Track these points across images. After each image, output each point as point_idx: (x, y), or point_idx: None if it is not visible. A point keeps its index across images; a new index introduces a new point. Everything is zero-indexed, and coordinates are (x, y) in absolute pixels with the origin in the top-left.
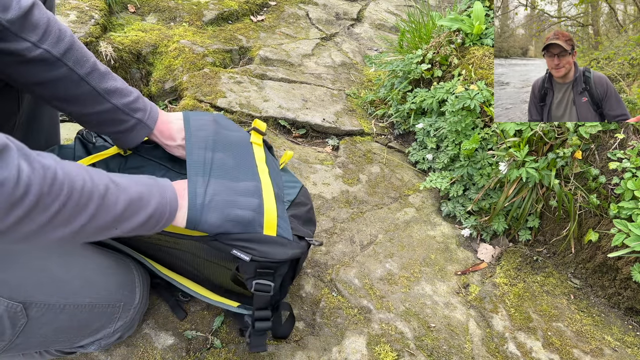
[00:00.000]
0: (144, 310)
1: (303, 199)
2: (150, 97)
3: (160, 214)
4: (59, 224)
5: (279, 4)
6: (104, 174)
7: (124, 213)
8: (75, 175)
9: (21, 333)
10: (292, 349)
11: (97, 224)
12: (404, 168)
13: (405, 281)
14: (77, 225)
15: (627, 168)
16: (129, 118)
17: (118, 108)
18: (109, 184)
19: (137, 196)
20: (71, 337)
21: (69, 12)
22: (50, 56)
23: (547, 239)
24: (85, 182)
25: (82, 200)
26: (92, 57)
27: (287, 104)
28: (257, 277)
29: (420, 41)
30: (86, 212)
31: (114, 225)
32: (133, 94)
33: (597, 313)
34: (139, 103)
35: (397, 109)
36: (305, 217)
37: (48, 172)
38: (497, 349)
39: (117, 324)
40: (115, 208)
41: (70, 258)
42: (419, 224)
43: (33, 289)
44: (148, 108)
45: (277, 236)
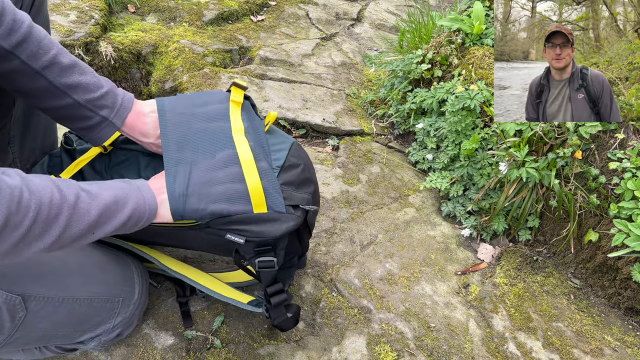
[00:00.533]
0: (143, 307)
1: (294, 159)
2: (151, 97)
3: (140, 215)
4: (31, 239)
5: (279, 4)
6: (74, 183)
7: (99, 219)
8: (42, 189)
9: (20, 326)
10: (292, 349)
11: (71, 234)
12: (404, 168)
13: (405, 281)
14: (51, 238)
15: (627, 168)
16: (93, 114)
17: (80, 104)
18: (80, 193)
19: (111, 201)
20: (71, 332)
21: (69, 12)
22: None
23: (547, 239)
24: (53, 195)
25: (52, 213)
26: (53, 49)
27: (287, 104)
28: (258, 255)
29: (420, 41)
30: (57, 224)
31: (90, 231)
32: (101, 90)
33: (597, 313)
34: (106, 99)
35: (397, 109)
36: (298, 180)
37: (15, 191)
38: (497, 349)
39: (117, 319)
40: (88, 215)
41: (69, 252)
42: (419, 224)
43: (32, 282)
44: (118, 104)
45: (268, 212)
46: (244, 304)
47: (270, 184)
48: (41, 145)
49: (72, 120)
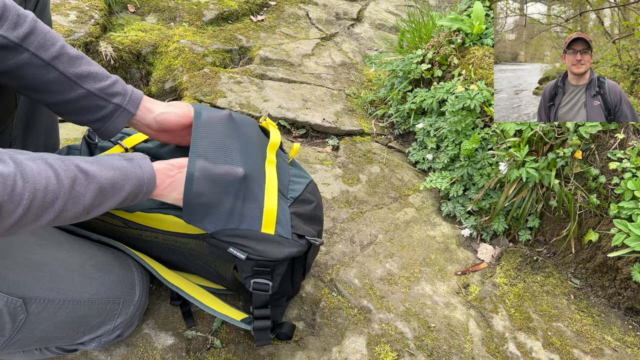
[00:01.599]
0: (143, 308)
1: (309, 195)
2: (151, 97)
3: (135, 194)
4: (25, 223)
5: (279, 4)
6: (73, 164)
7: (94, 202)
8: (38, 174)
9: (21, 328)
10: (292, 349)
11: (66, 216)
12: (404, 168)
13: (405, 281)
14: (45, 221)
15: (627, 168)
16: (106, 103)
17: (92, 93)
18: (77, 175)
19: (109, 183)
20: (71, 333)
21: (69, 12)
22: (8, 42)
23: (547, 239)
24: (49, 180)
25: (47, 199)
26: (59, 40)
27: (287, 104)
28: (255, 275)
29: (420, 41)
30: (53, 208)
31: (84, 213)
32: (110, 78)
33: (597, 313)
34: (117, 87)
35: (397, 109)
36: (309, 215)
37: (8, 180)
38: (497, 349)
39: (117, 320)
40: (84, 199)
41: (70, 254)
42: (419, 224)
43: (32, 285)
44: (129, 90)
45: (274, 234)
46: (237, 321)
47: (281, 210)
48: (44, 146)
49: (84, 113)
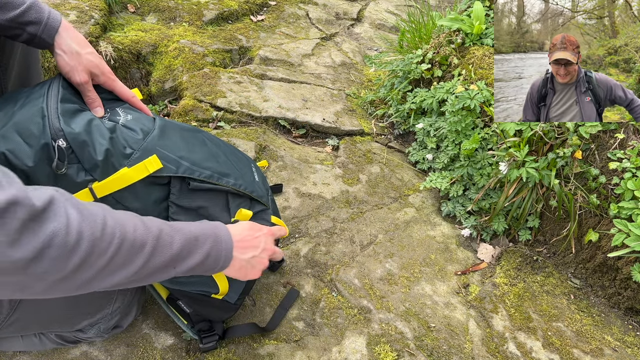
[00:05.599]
0: (141, 295)
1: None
2: (151, 97)
3: (217, 253)
4: (116, 267)
5: (279, 4)
6: (156, 219)
7: (181, 252)
8: (125, 220)
9: (17, 308)
10: (292, 349)
11: (154, 264)
12: (404, 168)
13: (405, 281)
14: (135, 267)
15: (627, 168)
16: (20, 32)
17: (2, 25)
18: (162, 226)
19: (192, 236)
20: (69, 317)
21: (69, 12)
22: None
23: (547, 239)
24: (136, 225)
25: (137, 242)
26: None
27: (287, 103)
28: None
29: (420, 41)
30: (142, 253)
31: (172, 265)
32: (22, 6)
33: (597, 313)
34: (29, 15)
35: (397, 109)
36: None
37: (98, 218)
38: (497, 349)
39: (115, 305)
40: (171, 247)
41: None
42: (419, 224)
43: None
44: (43, 20)
45: (221, 300)
46: (184, 324)
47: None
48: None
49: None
